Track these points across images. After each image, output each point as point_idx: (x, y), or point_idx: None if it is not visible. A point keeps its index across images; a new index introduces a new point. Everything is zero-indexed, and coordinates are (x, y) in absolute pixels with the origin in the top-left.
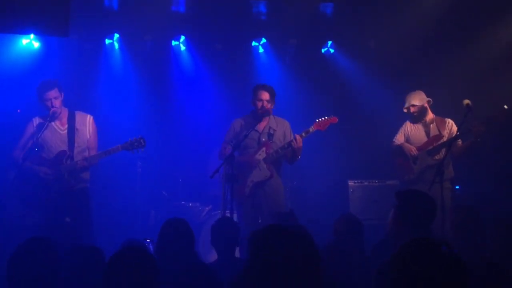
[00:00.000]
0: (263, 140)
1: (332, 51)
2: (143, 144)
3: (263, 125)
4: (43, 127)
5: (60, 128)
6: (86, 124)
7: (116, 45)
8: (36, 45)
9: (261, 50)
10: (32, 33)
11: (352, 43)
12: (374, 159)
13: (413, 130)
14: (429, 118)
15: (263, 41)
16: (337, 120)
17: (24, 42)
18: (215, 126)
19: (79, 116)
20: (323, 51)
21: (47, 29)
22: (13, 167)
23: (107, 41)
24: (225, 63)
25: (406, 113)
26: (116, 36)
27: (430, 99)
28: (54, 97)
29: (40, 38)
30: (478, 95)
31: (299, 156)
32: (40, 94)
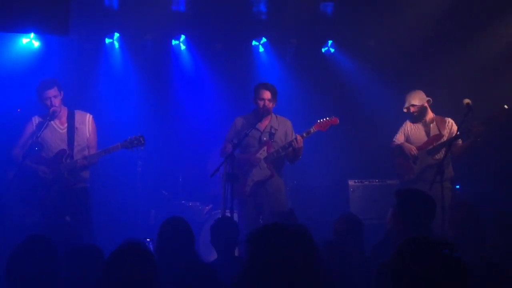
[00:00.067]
0: (264, 139)
1: (332, 50)
2: (143, 142)
3: (264, 124)
4: (43, 126)
5: (60, 127)
6: (85, 123)
7: (116, 44)
8: (36, 44)
9: (261, 49)
10: (32, 32)
11: (352, 43)
12: (374, 158)
13: (413, 130)
14: (429, 118)
15: (263, 40)
16: (338, 121)
17: (24, 41)
18: (215, 126)
19: (78, 115)
20: (323, 50)
21: (47, 28)
22: (13, 166)
23: (107, 41)
24: (225, 63)
25: (406, 113)
26: (116, 35)
27: (430, 98)
28: (54, 96)
29: (40, 37)
30: (478, 95)
31: (300, 156)
32: (39, 93)
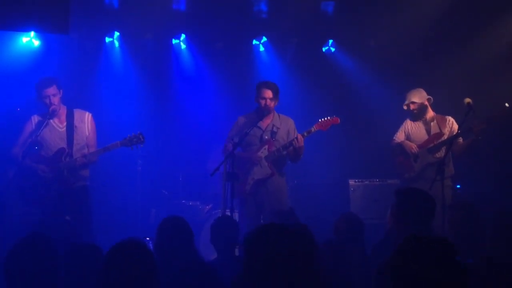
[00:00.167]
0: (266, 137)
1: (333, 50)
2: (142, 140)
3: (266, 122)
4: (42, 125)
5: (59, 125)
6: (85, 121)
7: (117, 43)
8: (36, 43)
9: (261, 48)
10: (32, 30)
11: (353, 42)
12: (375, 158)
13: (413, 128)
14: (430, 116)
15: (264, 39)
16: (339, 121)
17: (24, 40)
18: (215, 125)
19: (77, 113)
20: (324, 50)
21: (47, 26)
22: (13, 165)
23: (107, 39)
24: (226, 62)
25: (406, 110)
26: (117, 34)
27: (431, 97)
28: (53, 94)
29: (40, 36)
30: (478, 95)
31: (302, 155)
32: (38, 92)
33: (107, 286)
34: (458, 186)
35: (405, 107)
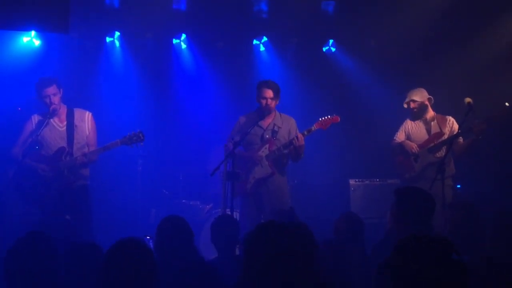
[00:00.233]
0: (267, 137)
1: (333, 49)
2: (142, 138)
3: (268, 122)
4: (43, 124)
5: (59, 125)
6: (85, 120)
7: (117, 43)
8: (37, 43)
9: (262, 48)
10: (32, 30)
11: (353, 42)
12: (375, 158)
13: (414, 128)
14: (430, 116)
15: (264, 39)
16: (339, 120)
17: (25, 40)
18: (215, 125)
19: (77, 112)
20: (324, 49)
21: (47, 25)
22: (13, 164)
23: (108, 39)
24: (226, 62)
25: (406, 108)
26: (117, 34)
27: (431, 97)
28: (53, 93)
29: (41, 36)
30: (478, 95)
31: (303, 155)
32: (38, 91)
33: (107, 285)
34: (459, 186)
35: (405, 105)
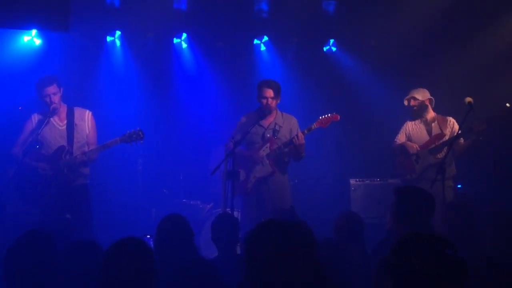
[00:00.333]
0: (268, 136)
1: (334, 49)
2: (142, 136)
3: (269, 121)
4: (43, 123)
5: (59, 123)
6: (85, 119)
7: (118, 42)
8: (37, 42)
9: (263, 48)
10: (32, 28)
11: (353, 42)
12: (375, 157)
13: (414, 129)
14: (430, 117)
15: (265, 39)
16: (338, 118)
17: (26, 39)
18: (216, 124)
19: (78, 111)
20: (325, 49)
21: (47, 24)
22: (13, 164)
23: (108, 39)
24: (227, 61)
25: (406, 106)
26: (118, 33)
27: (433, 98)
28: (53, 93)
29: (42, 35)
30: (478, 95)
31: (303, 153)
32: (39, 90)
33: (107, 284)
34: (459, 186)
35: (405, 102)
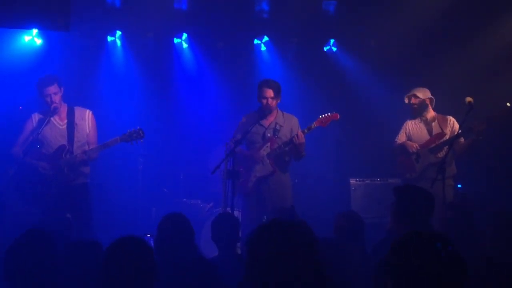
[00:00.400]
0: (268, 135)
1: (334, 49)
2: (142, 135)
3: (270, 120)
4: (43, 122)
5: (60, 123)
6: (85, 118)
7: (118, 42)
8: (38, 42)
9: (263, 48)
10: (33, 28)
11: (354, 42)
12: (375, 157)
13: (414, 129)
14: (431, 116)
15: (266, 39)
16: (338, 117)
17: (26, 39)
18: (216, 124)
19: (78, 111)
20: (325, 49)
21: (47, 23)
22: (13, 163)
23: (109, 38)
24: (227, 61)
25: (406, 103)
26: (118, 33)
27: (433, 98)
28: (54, 92)
29: (42, 35)
30: (478, 95)
31: (304, 153)
32: (39, 90)
33: (107, 283)
34: (459, 185)
35: (406, 99)
